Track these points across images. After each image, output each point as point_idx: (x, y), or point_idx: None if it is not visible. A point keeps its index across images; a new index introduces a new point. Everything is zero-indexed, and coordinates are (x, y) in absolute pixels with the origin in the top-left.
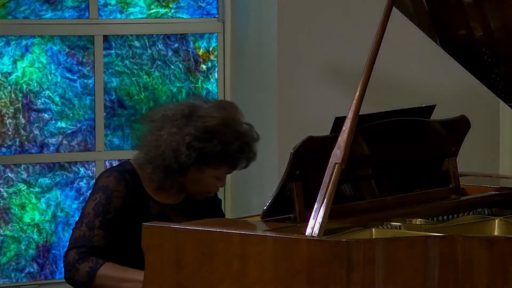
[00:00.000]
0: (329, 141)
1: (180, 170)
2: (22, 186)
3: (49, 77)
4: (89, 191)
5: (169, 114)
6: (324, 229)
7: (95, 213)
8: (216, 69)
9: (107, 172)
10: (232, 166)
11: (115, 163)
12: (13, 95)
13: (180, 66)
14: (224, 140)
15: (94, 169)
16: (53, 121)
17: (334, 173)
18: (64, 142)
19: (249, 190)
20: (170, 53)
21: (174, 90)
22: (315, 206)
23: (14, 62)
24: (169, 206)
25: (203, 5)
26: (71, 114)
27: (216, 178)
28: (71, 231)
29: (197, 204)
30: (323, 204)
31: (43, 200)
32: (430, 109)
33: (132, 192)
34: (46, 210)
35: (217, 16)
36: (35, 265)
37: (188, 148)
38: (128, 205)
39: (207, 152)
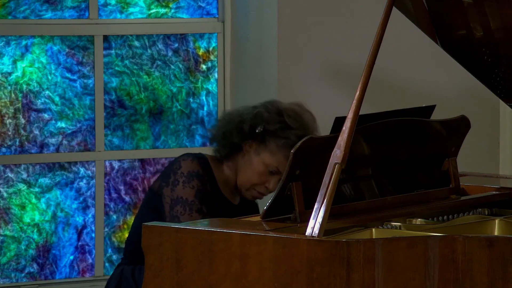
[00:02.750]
0: (329, 141)
1: (238, 135)
2: (22, 186)
3: (49, 77)
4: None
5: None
6: (324, 229)
7: (200, 201)
8: (216, 69)
9: (188, 157)
10: (286, 156)
11: (115, 163)
12: (13, 95)
13: (180, 66)
14: (288, 123)
15: (94, 169)
16: (53, 121)
17: (334, 173)
18: (64, 142)
19: None
20: (170, 53)
21: (174, 90)
22: (315, 206)
23: (14, 62)
24: (232, 205)
25: (203, 5)
26: (71, 114)
27: (267, 168)
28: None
29: (247, 212)
30: (323, 204)
31: (43, 200)
32: (430, 109)
33: (209, 180)
34: (46, 210)
35: (217, 16)
36: (35, 265)
37: (254, 117)
38: (210, 190)
39: (269, 126)
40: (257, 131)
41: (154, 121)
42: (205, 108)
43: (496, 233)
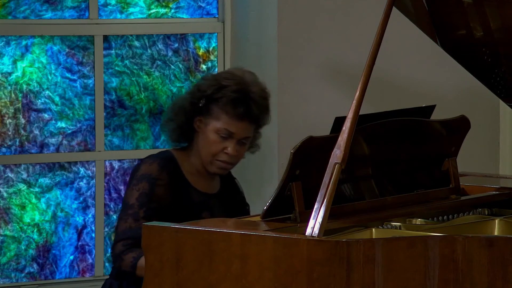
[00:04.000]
0: (329, 141)
1: (183, 114)
2: (22, 186)
3: (49, 77)
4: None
5: None
6: (324, 229)
7: (140, 204)
8: (216, 69)
9: (149, 159)
10: (229, 113)
11: (115, 163)
12: (13, 95)
13: (180, 66)
14: (223, 83)
15: (94, 169)
16: (53, 121)
17: (334, 173)
18: (64, 142)
19: (249, 190)
20: (170, 53)
21: (174, 90)
22: (315, 206)
23: (14, 62)
24: (209, 195)
25: (203, 5)
26: (71, 114)
27: (218, 134)
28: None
29: (230, 196)
30: (323, 204)
31: (43, 200)
32: (430, 109)
33: (175, 179)
34: (46, 210)
35: (217, 16)
36: (35, 265)
37: (192, 92)
38: (171, 193)
39: (206, 93)
40: (200, 105)
41: (154, 121)
42: None
43: (496, 233)
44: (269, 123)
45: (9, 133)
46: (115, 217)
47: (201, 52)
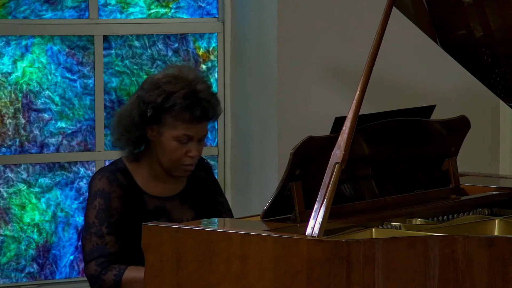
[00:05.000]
0: (329, 141)
1: (134, 128)
2: (22, 186)
3: (49, 77)
4: (86, 195)
5: None
6: (324, 229)
7: (100, 221)
8: (216, 69)
9: (98, 175)
10: (186, 120)
11: None
12: (13, 95)
13: None
14: (168, 90)
15: (94, 169)
16: (53, 121)
17: (334, 173)
18: (64, 142)
19: (249, 190)
20: (170, 53)
21: None
22: (315, 206)
23: (14, 62)
24: (168, 199)
25: (203, 5)
26: (71, 114)
27: (178, 141)
28: (76, 237)
29: (199, 191)
30: (323, 204)
31: (43, 200)
32: (430, 109)
33: (127, 191)
34: (46, 210)
35: (217, 16)
36: (35, 265)
37: (138, 104)
38: (126, 204)
39: (154, 104)
40: (148, 115)
41: None
42: None
43: (496, 233)
44: (222, 111)
45: (9, 133)
46: None
47: (201, 52)
